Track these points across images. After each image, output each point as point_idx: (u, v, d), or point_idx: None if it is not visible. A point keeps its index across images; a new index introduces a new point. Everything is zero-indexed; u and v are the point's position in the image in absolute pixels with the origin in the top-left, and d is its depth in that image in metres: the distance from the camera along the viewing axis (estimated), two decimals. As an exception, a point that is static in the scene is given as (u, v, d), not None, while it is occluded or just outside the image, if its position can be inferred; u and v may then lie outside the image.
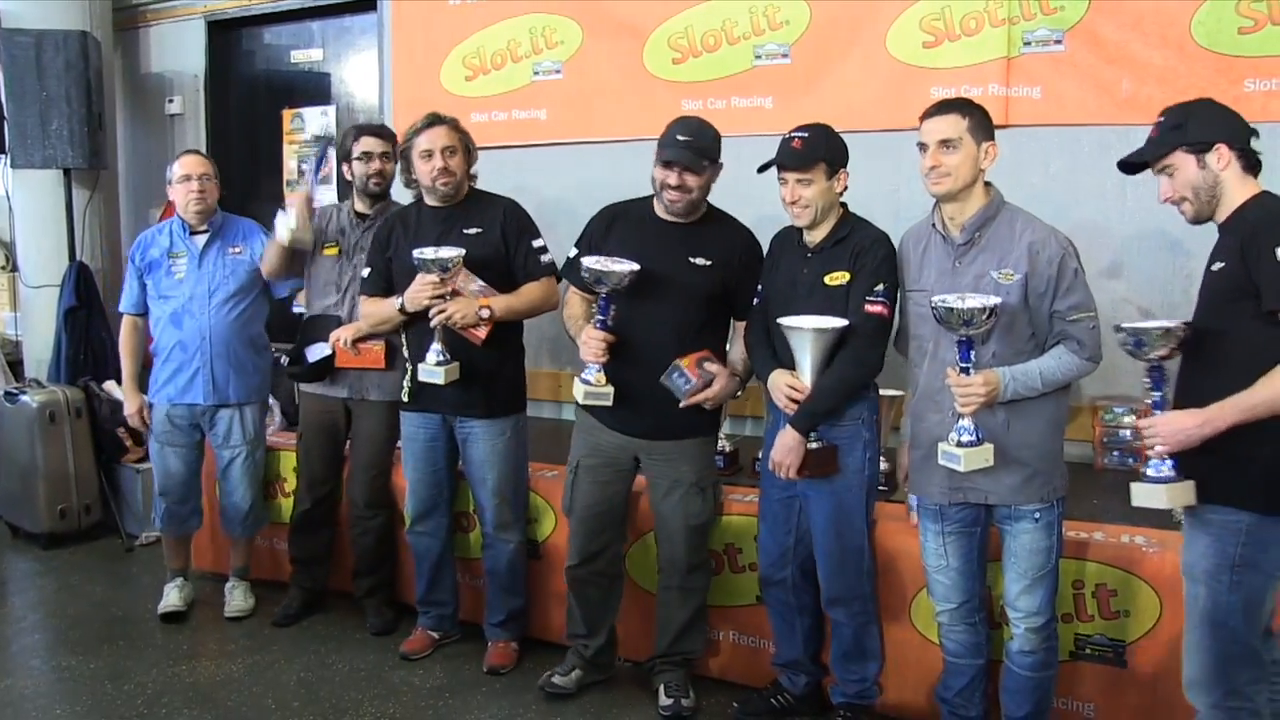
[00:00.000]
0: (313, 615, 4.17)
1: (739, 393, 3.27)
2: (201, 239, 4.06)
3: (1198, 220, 2.51)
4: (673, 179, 3.17)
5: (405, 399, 3.66)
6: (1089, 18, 3.84)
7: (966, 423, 2.69)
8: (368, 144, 3.90)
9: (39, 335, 5.57)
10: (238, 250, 4.09)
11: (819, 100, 4.21)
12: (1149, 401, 2.48)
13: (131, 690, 3.58)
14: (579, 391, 3.23)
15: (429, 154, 3.50)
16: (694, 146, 3.16)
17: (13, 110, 5.23)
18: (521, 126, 4.88)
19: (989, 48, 3.97)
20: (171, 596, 4.23)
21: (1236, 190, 2.45)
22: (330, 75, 5.69)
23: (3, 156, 5.46)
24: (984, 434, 2.70)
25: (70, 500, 5.04)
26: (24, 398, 5.00)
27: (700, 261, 3.21)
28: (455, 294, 3.43)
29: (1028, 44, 3.93)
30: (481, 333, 3.44)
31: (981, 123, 2.78)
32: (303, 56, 5.77)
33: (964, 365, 2.66)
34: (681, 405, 3.19)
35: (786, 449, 3.00)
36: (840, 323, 2.93)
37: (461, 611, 3.98)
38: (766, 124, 4.19)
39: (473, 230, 3.55)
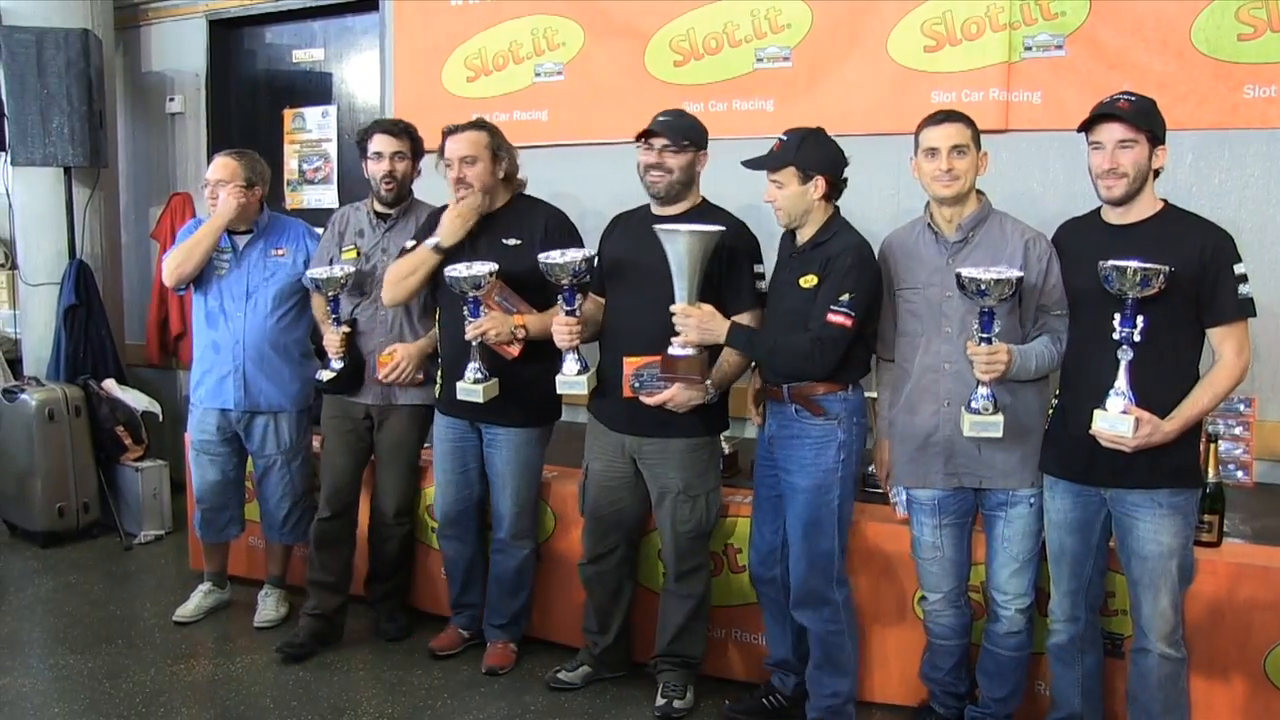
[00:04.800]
0: (323, 649, 3.88)
1: (709, 397, 3.21)
2: (243, 239, 3.96)
3: (1123, 199, 2.74)
4: (652, 157, 3.22)
5: (436, 396, 3.67)
6: (1090, 23, 3.85)
7: (985, 390, 2.82)
8: (379, 143, 3.74)
9: (38, 333, 5.55)
10: (281, 252, 3.96)
11: (820, 103, 4.22)
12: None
13: (130, 689, 3.58)
14: (556, 381, 3.30)
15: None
16: (672, 126, 3.22)
17: (13, 108, 5.21)
18: (523, 128, 4.86)
19: (990, 52, 3.98)
20: (191, 604, 4.18)
21: (1151, 192, 2.77)
22: (332, 75, 5.68)
23: (3, 154, 5.45)
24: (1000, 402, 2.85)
25: (69, 499, 5.03)
26: (23, 396, 4.99)
27: None
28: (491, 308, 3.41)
29: (1028, 49, 3.94)
30: (514, 350, 3.42)
31: (977, 132, 2.96)
32: (304, 56, 5.77)
33: (985, 336, 2.78)
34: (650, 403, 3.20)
35: (692, 323, 3.01)
36: (713, 228, 2.98)
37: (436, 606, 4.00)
38: (767, 127, 4.18)
39: (512, 241, 3.51)
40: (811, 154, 3.02)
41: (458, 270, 3.32)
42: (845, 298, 2.92)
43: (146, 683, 3.63)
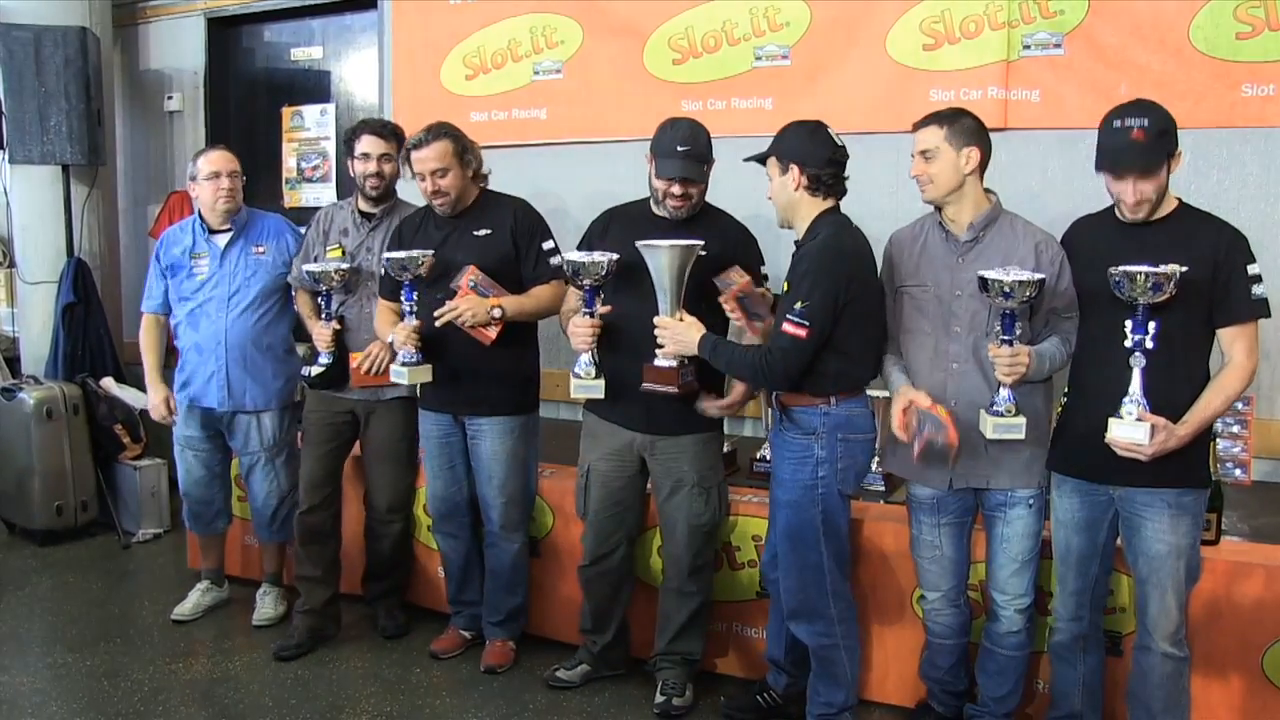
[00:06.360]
0: (321, 647, 3.88)
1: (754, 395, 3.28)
2: (223, 238, 3.92)
3: (1148, 218, 2.71)
4: (676, 189, 3.19)
5: (418, 394, 3.66)
6: (1088, 21, 3.85)
7: (1006, 392, 2.79)
8: (367, 144, 3.73)
9: (36, 331, 5.55)
10: (261, 250, 3.93)
11: (818, 102, 4.22)
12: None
13: (128, 687, 3.58)
14: (571, 385, 3.26)
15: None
16: (694, 155, 3.17)
17: (11, 106, 5.21)
18: (521, 126, 4.88)
19: (988, 51, 3.99)
20: (189, 602, 4.17)
21: (1169, 194, 2.74)
22: (330, 73, 5.69)
23: (1, 152, 5.44)
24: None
25: (67, 497, 5.02)
26: (21, 394, 4.99)
27: None
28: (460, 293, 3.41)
29: (1027, 47, 3.95)
30: (491, 333, 3.42)
31: (959, 130, 2.87)
32: (303, 54, 5.77)
33: (1006, 338, 2.75)
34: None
35: (668, 334, 3.02)
36: (692, 242, 2.98)
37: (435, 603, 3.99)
38: (766, 125, 4.14)
39: (482, 232, 3.54)
40: (786, 142, 2.95)
41: (397, 255, 3.38)
42: (799, 306, 2.82)
43: (145, 681, 3.63)
